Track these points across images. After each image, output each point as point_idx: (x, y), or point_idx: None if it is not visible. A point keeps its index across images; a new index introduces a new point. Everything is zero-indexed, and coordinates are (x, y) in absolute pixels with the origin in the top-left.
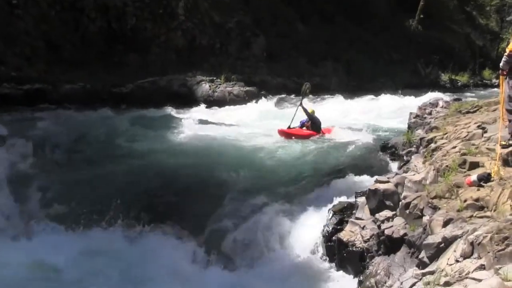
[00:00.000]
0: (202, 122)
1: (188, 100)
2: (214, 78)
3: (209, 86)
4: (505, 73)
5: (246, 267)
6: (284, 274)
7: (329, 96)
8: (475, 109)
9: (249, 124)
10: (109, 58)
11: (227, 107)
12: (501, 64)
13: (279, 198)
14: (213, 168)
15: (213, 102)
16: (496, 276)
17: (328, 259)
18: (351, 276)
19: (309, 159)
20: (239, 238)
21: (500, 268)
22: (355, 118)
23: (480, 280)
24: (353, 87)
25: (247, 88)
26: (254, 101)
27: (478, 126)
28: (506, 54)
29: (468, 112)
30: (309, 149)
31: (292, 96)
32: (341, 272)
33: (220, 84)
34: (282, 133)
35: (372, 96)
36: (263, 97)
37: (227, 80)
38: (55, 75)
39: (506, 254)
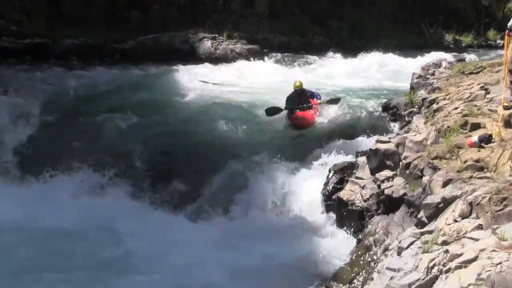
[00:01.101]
0: (204, 79)
1: (190, 57)
2: (217, 35)
3: (211, 43)
4: (511, 33)
5: (246, 222)
6: (283, 230)
7: (332, 55)
8: (479, 70)
9: (251, 82)
10: (110, 14)
11: (229, 64)
12: (509, 24)
13: (280, 157)
14: (215, 126)
15: (215, 59)
16: (493, 236)
17: (327, 217)
18: (350, 235)
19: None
20: (239, 194)
21: (497, 228)
22: (357, 78)
23: (477, 240)
24: (357, 47)
25: (250, 46)
26: (256, 59)
27: (481, 87)
28: None
29: (471, 73)
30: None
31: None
32: (340, 230)
33: (222, 42)
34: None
35: (375, 56)
36: (265, 55)
37: (229, 38)
38: (55, 30)
39: (504, 215)
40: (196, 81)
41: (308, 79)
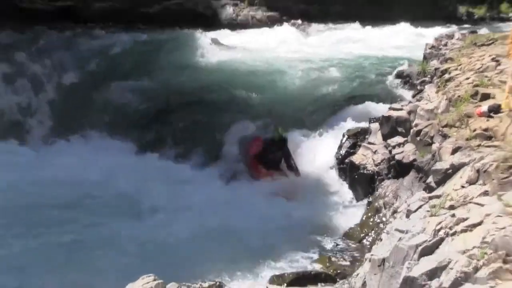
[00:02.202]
0: (226, 44)
1: (212, 22)
2: (238, 2)
3: (233, 9)
4: None
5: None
6: (298, 191)
7: (349, 24)
8: (490, 42)
9: (270, 49)
10: None
11: (249, 30)
12: None
13: (298, 122)
14: (234, 90)
15: (236, 25)
16: (499, 202)
17: (340, 180)
18: (361, 197)
19: (326, 84)
20: None
21: (503, 194)
22: (372, 47)
23: (483, 205)
24: (373, 16)
25: (270, 13)
26: (276, 26)
27: (492, 59)
28: None
29: (483, 45)
30: (327, 74)
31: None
32: (351, 193)
33: (243, 8)
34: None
35: (391, 26)
36: (285, 22)
37: (250, 5)
38: None
39: (510, 182)
40: (219, 46)
41: (325, 47)
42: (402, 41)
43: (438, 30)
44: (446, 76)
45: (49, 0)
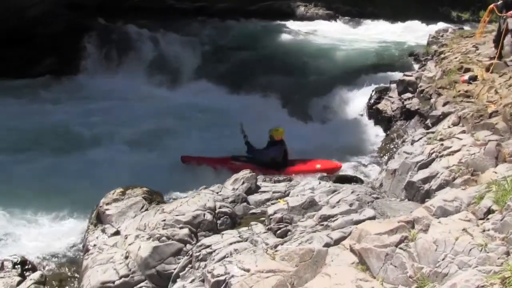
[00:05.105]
0: (299, 30)
1: (291, 16)
2: (307, 4)
3: (304, 8)
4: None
5: (319, 122)
6: (342, 126)
7: (377, 21)
8: (472, 35)
9: (327, 32)
10: None
11: (314, 22)
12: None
13: (343, 80)
14: (304, 57)
15: (306, 18)
16: (472, 137)
17: (369, 119)
18: (382, 131)
19: (363, 58)
20: (318, 102)
21: (474, 133)
22: (393, 35)
23: (461, 139)
24: (394, 16)
25: (327, 11)
26: (331, 20)
27: (473, 46)
28: None
29: (467, 37)
30: (363, 52)
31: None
32: (376, 128)
33: (311, 8)
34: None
35: (407, 23)
36: (337, 18)
37: (315, 6)
38: None
39: (479, 125)
40: (295, 30)
41: (363, 35)
42: (414, 33)
43: (437, 26)
44: (442, 56)
45: (190, 2)
